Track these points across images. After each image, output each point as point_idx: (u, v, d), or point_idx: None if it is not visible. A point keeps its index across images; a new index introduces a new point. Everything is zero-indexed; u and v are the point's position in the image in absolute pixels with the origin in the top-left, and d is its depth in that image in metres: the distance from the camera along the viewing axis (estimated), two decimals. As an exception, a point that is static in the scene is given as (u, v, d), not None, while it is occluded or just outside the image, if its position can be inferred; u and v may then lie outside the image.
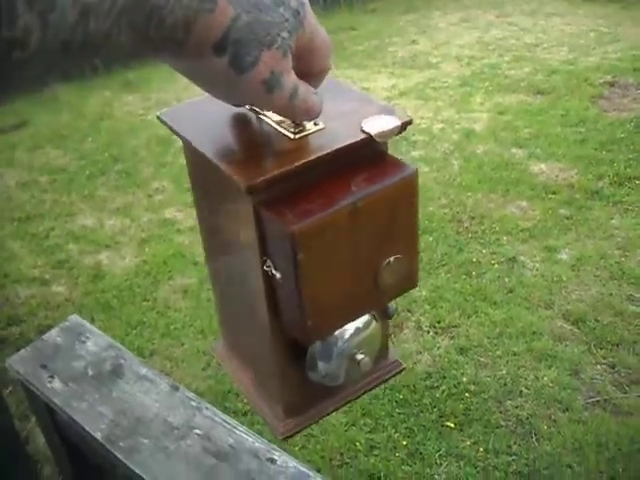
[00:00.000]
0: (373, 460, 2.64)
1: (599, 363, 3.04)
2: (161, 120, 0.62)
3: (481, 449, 2.64)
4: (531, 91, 6.32)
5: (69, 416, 0.91)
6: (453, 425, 2.76)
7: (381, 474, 2.58)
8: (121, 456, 0.84)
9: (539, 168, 4.83)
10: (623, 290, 3.49)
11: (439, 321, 3.35)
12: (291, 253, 0.50)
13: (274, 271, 0.54)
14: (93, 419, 0.90)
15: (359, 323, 0.62)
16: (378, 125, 0.53)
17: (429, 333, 3.27)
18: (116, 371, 0.97)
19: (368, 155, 0.54)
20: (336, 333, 0.61)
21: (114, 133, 6.01)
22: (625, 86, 6.24)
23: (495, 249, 3.92)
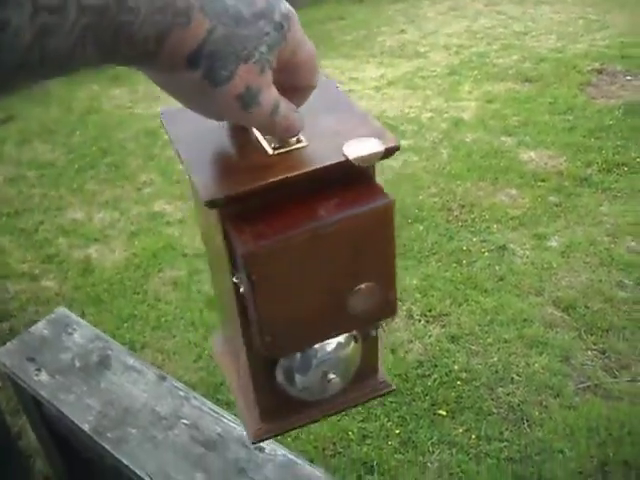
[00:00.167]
0: (366, 449, 2.65)
1: (589, 349, 3.05)
2: (161, 119, 0.61)
3: (473, 436, 2.65)
4: (519, 79, 6.33)
5: (57, 409, 0.91)
6: (445, 413, 2.77)
7: (374, 463, 2.59)
8: (109, 447, 0.84)
9: (528, 156, 4.83)
10: (612, 276, 3.51)
11: (430, 310, 3.35)
12: (245, 272, 0.49)
13: (240, 284, 0.53)
14: (81, 411, 0.89)
15: (339, 341, 0.60)
16: (359, 149, 0.51)
17: (420, 322, 3.27)
18: (103, 362, 0.97)
19: (347, 178, 0.52)
20: (316, 346, 0.60)
21: (102, 126, 5.99)
22: (613, 73, 6.25)
23: (485, 237, 3.93)
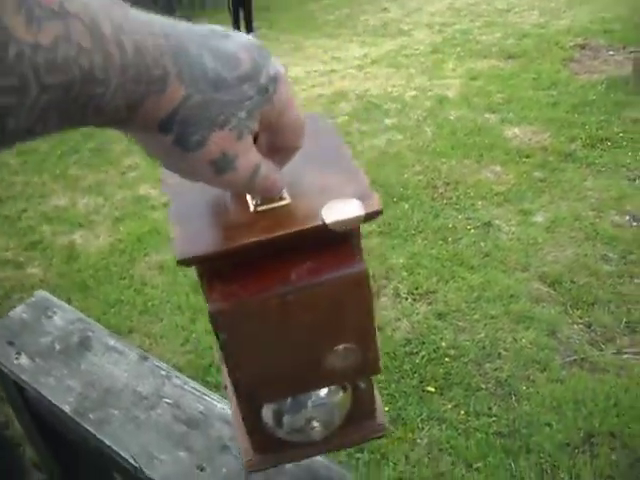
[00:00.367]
0: (355, 427, 2.65)
1: (575, 323, 3.07)
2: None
3: (462, 412, 2.67)
4: (503, 56, 6.32)
5: (37, 392, 0.90)
6: (434, 390, 2.78)
7: (363, 440, 2.60)
8: (91, 428, 0.83)
9: (512, 132, 4.84)
10: (597, 250, 3.52)
11: (417, 287, 3.36)
12: (215, 330, 0.49)
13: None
14: (61, 393, 0.89)
15: (326, 390, 0.60)
16: (338, 212, 0.49)
17: (407, 300, 3.28)
18: (84, 344, 0.96)
19: (325, 240, 0.50)
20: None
21: (84, 111, 5.93)
22: (596, 48, 6.26)
23: (470, 214, 3.93)
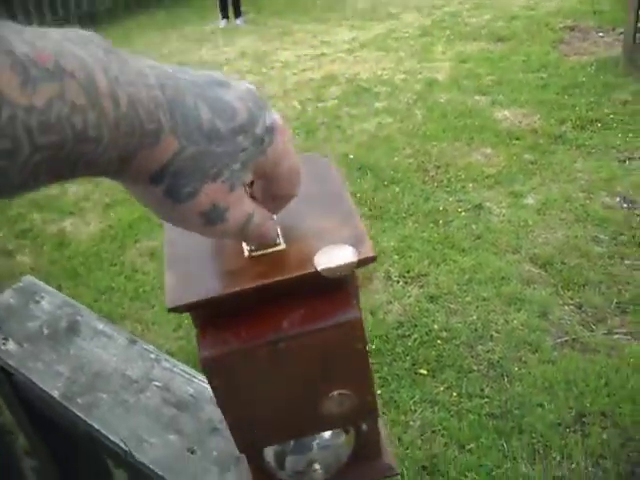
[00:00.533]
0: (348, 410, 2.66)
1: (566, 304, 3.08)
2: None
3: (454, 394, 2.67)
4: (492, 38, 6.30)
5: (26, 377, 0.89)
6: (426, 372, 2.79)
7: (356, 423, 2.60)
8: (80, 413, 0.82)
9: (502, 114, 4.83)
10: (588, 232, 3.53)
11: (408, 270, 3.36)
12: (206, 376, 0.49)
13: None
14: (50, 378, 0.88)
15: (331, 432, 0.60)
16: (331, 259, 0.49)
17: (399, 283, 3.28)
18: (72, 328, 0.95)
19: (318, 287, 0.49)
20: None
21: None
22: (585, 30, 6.24)
23: (461, 197, 3.93)
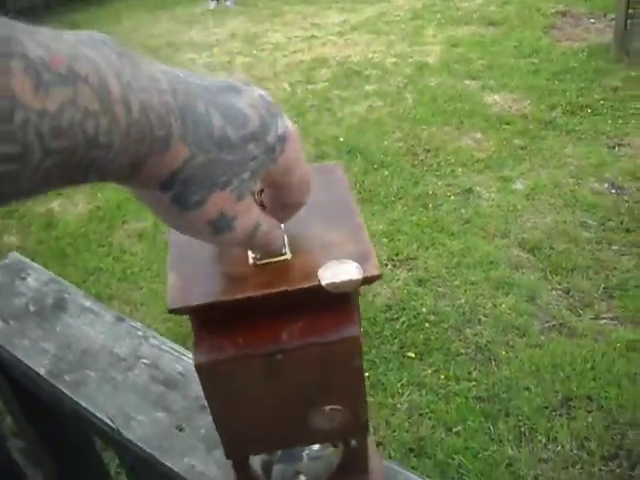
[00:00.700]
0: (335, 393, 2.66)
1: (554, 289, 3.09)
2: None
3: (442, 377, 2.68)
4: (484, 23, 6.27)
5: (11, 354, 0.88)
6: (414, 355, 2.79)
7: (344, 406, 2.60)
8: (67, 390, 0.81)
9: (493, 99, 4.82)
10: (577, 217, 3.54)
11: (397, 254, 3.36)
12: (200, 380, 0.49)
13: None
14: (36, 355, 0.87)
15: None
16: (335, 274, 0.48)
17: (387, 266, 3.28)
18: (59, 305, 0.94)
19: (321, 300, 0.49)
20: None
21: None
22: (577, 16, 6.23)
23: (451, 181, 3.92)
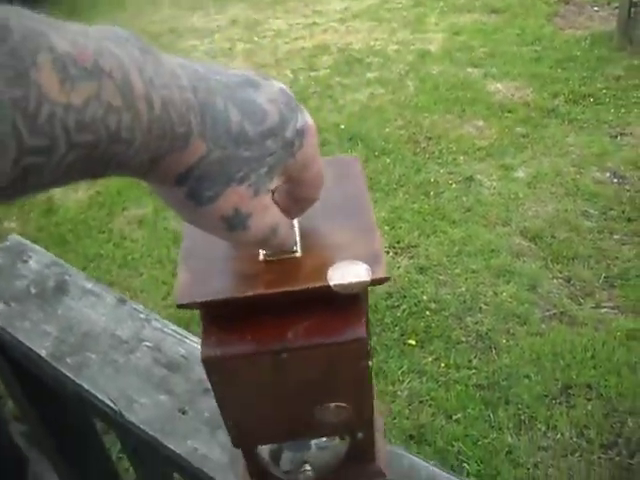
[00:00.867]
0: (336, 380, 2.66)
1: (555, 277, 3.09)
2: None
3: (442, 365, 2.68)
4: (486, 10, 6.23)
5: (12, 336, 0.87)
6: (414, 343, 2.79)
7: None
8: (69, 373, 0.81)
9: (495, 87, 4.79)
10: (578, 206, 3.53)
11: (398, 241, 3.35)
12: (206, 373, 0.50)
13: None
14: (38, 337, 0.86)
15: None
16: (343, 275, 0.47)
17: (389, 253, 3.27)
18: (60, 287, 0.93)
19: (329, 301, 0.48)
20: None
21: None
22: (580, 4, 6.19)
23: (452, 169, 3.91)
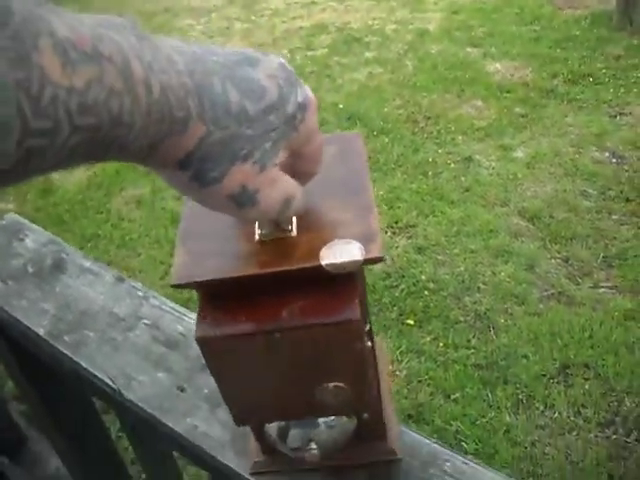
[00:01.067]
0: (334, 359, 2.67)
1: (554, 257, 3.09)
2: None
3: (441, 344, 2.69)
4: (485, -11, 6.18)
5: (10, 315, 0.87)
6: (413, 322, 2.80)
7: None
8: (67, 351, 0.81)
9: (494, 67, 4.76)
10: (577, 186, 3.52)
11: (397, 221, 3.34)
12: (202, 353, 0.50)
13: None
14: (35, 315, 0.86)
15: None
16: (336, 254, 0.47)
17: (387, 233, 3.26)
18: (58, 266, 0.93)
19: (324, 280, 0.48)
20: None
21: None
22: (580, -18, 6.14)
23: (451, 149, 3.90)
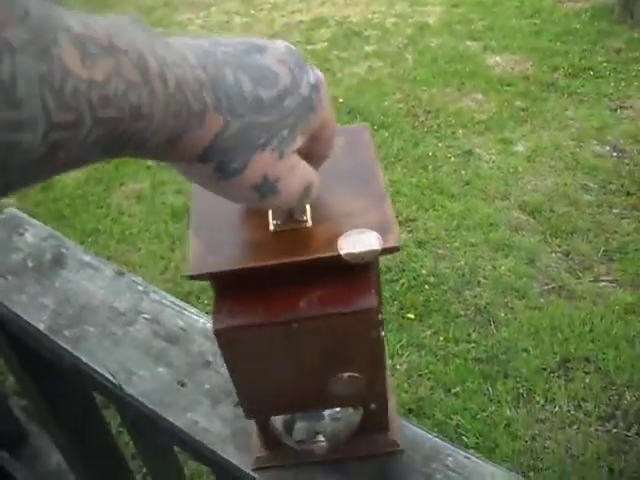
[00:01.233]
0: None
1: (554, 251, 3.08)
2: None
3: (441, 338, 2.69)
4: (485, -18, 6.16)
5: (10, 310, 0.87)
6: (413, 316, 2.79)
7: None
8: (67, 345, 0.81)
9: (494, 60, 4.75)
10: (577, 180, 3.51)
11: (397, 215, 3.28)
12: (218, 345, 0.50)
13: None
14: (35, 310, 0.85)
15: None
16: (354, 244, 0.47)
17: (387, 228, 3.26)
18: (58, 260, 0.92)
19: (340, 270, 0.48)
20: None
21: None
22: (580, -25, 6.12)
23: (451, 142, 3.89)
